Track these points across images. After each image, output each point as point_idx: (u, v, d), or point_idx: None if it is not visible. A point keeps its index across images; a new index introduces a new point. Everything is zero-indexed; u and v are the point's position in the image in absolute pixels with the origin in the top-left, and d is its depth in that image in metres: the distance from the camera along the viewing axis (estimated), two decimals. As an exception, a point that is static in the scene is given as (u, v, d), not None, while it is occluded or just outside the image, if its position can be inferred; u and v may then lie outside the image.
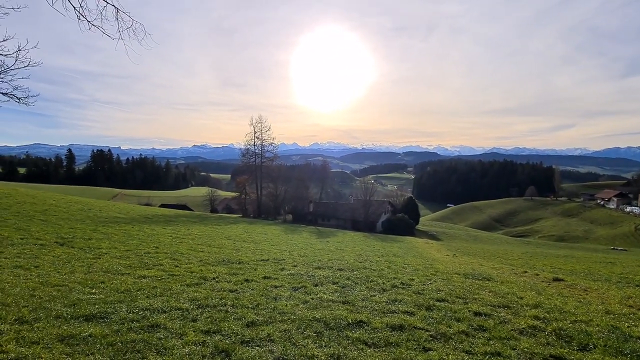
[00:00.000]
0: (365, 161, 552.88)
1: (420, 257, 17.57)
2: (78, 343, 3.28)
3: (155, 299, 5.23)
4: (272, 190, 54.84)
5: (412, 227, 56.37)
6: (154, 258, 9.60)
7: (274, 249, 15.14)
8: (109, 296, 5.16)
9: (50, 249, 9.57)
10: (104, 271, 7.34)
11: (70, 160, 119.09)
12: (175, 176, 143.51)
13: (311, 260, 11.64)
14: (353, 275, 8.04)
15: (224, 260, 9.92)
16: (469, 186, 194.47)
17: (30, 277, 6.11)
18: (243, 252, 12.63)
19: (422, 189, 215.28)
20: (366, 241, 29.21)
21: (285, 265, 9.78)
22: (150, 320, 4.12)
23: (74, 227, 14.77)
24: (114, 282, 6.21)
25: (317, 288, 6.57)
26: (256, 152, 52.76)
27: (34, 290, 5.15)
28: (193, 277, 7.11)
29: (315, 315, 4.61)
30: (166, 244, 13.32)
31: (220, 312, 4.64)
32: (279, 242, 19.70)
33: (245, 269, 8.73)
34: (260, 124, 52.00)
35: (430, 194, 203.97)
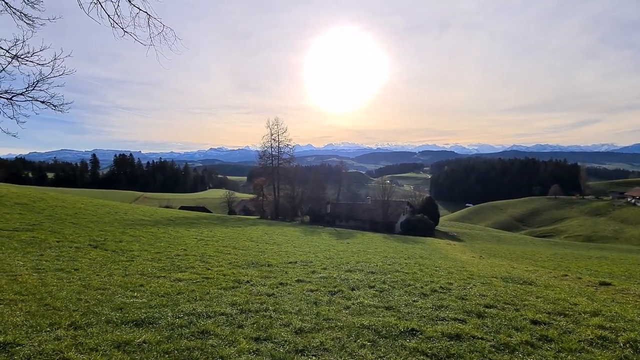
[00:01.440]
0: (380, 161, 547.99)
1: (448, 259, 17.07)
2: (134, 350, 3.23)
3: (196, 303, 5.18)
4: (289, 192, 55.00)
5: (431, 228, 55.28)
6: (185, 260, 9.67)
7: (298, 251, 15.05)
8: (151, 300, 5.15)
9: (86, 252, 9.80)
10: (140, 274, 7.41)
11: (95, 165, 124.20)
12: (194, 179, 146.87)
13: (338, 262, 11.45)
14: (388, 279, 7.80)
15: (253, 263, 9.88)
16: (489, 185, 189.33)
17: (72, 280, 6.21)
18: (269, 254, 12.59)
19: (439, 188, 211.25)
20: (387, 242, 28.76)
21: (314, 268, 9.64)
22: (198, 326, 4.05)
23: (104, 230, 15.14)
24: (152, 285, 6.24)
25: (354, 292, 6.39)
26: (273, 154, 53.04)
27: (79, 294, 5.21)
28: (227, 281, 7.07)
29: (362, 322, 4.43)
30: (193, 246, 13.45)
31: (264, 318, 4.53)
32: (300, 244, 19.60)
33: (276, 271, 8.64)
34: (276, 125, 52.30)
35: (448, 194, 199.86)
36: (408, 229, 50.64)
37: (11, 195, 21.47)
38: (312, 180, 61.02)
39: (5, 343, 3.06)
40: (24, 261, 7.58)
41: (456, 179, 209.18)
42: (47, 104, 10.07)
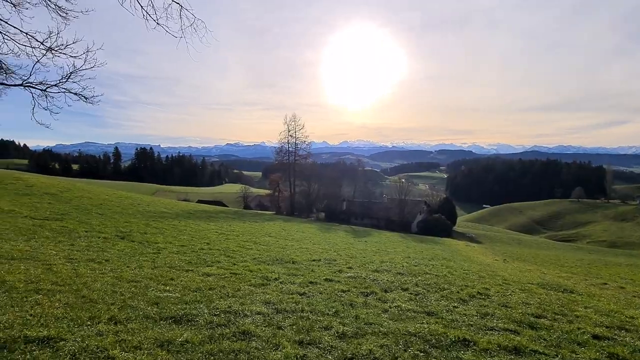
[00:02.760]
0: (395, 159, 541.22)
1: (472, 262, 16.52)
2: (178, 350, 3.09)
3: (228, 299, 5.05)
4: (305, 188, 54.94)
5: (449, 229, 54.12)
6: (209, 254, 9.63)
7: (319, 249, 14.87)
8: (185, 295, 5.05)
9: (114, 243, 9.90)
10: (169, 267, 7.37)
11: (117, 158, 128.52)
12: (211, 173, 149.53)
13: (362, 261, 11.19)
14: (420, 282, 7.49)
15: (277, 260, 9.74)
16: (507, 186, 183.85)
17: (104, 272, 6.20)
18: (291, 251, 12.45)
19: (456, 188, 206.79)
20: (405, 242, 28.24)
21: (340, 266, 9.42)
22: (238, 325, 3.89)
23: (128, 222, 15.38)
24: (182, 279, 6.16)
25: (388, 295, 6.12)
26: (290, 150, 53.01)
27: (113, 286, 5.16)
28: (255, 277, 6.93)
29: (407, 328, 4.17)
30: (215, 240, 13.46)
31: (302, 320, 4.33)
32: (319, 241, 19.42)
33: (302, 269, 8.47)
34: (294, 122, 52.13)
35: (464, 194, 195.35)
36: (425, 229, 49.74)
37: (40, 185, 22.20)
38: (328, 177, 60.70)
39: (49, 338, 2.98)
40: (56, 250, 7.68)
41: (474, 179, 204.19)
42: (80, 95, 10.20)
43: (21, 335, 2.95)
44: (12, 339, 2.86)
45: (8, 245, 7.39)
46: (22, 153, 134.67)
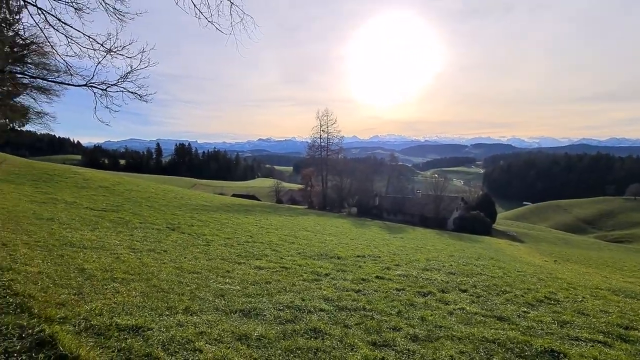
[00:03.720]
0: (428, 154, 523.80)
1: (521, 263, 15.55)
2: (257, 345, 3.10)
3: (287, 294, 5.05)
4: (337, 183, 54.76)
5: (488, 226, 51.54)
6: (255, 248, 9.80)
7: (357, 244, 14.71)
8: (245, 288, 5.12)
9: (167, 234, 10.39)
10: (221, 259, 7.58)
11: (159, 154, 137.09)
12: (244, 168, 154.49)
13: (407, 259, 10.88)
14: (477, 283, 7.09)
15: (321, 255, 9.71)
16: (551, 182, 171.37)
17: (165, 262, 6.49)
18: (332, 246, 12.39)
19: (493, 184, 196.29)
20: (442, 239, 27.27)
21: (386, 263, 9.19)
22: (306, 322, 3.86)
23: (175, 214, 16.12)
24: (238, 272, 6.28)
25: (447, 296, 5.83)
26: (322, 145, 53.00)
27: (177, 277, 5.36)
28: (306, 272, 6.92)
29: (483, 334, 3.91)
30: (257, 233, 13.72)
31: (367, 319, 4.21)
32: (355, 236, 19.23)
33: (349, 265, 8.35)
34: (326, 117, 51.98)
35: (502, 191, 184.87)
36: (462, 226, 47.74)
37: (95, 179, 23.95)
38: (360, 171, 60.06)
39: (137, 326, 3.10)
40: (119, 240, 8.17)
41: (513, 174, 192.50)
42: (135, 94, 10.76)
43: (112, 322, 3.10)
44: (105, 327, 3.01)
45: (78, 234, 7.97)
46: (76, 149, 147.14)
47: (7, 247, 5.63)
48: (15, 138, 31.87)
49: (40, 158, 73.64)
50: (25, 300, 3.34)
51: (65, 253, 5.86)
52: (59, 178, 20.96)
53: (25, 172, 21.33)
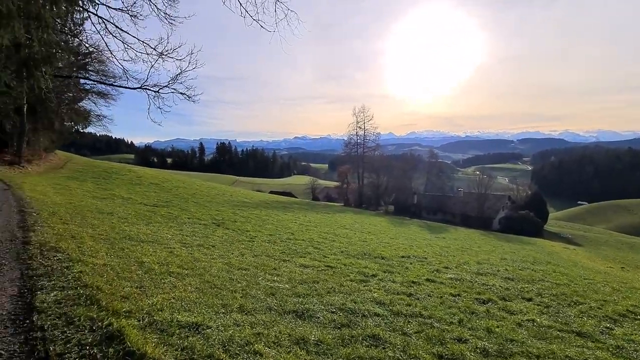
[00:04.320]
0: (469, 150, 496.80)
1: (584, 269, 14.07)
2: (315, 351, 2.96)
3: (337, 295, 4.88)
4: (373, 180, 53.81)
5: (539, 227, 47.74)
6: (298, 245, 9.78)
7: (399, 243, 14.21)
8: (294, 287, 5.04)
9: (213, 229, 10.73)
10: (267, 256, 7.62)
11: (201, 152, 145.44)
12: (280, 166, 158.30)
13: (454, 261, 10.26)
14: (541, 290, 6.42)
15: (365, 254, 9.45)
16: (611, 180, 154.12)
17: (215, 257, 6.63)
18: (374, 245, 12.05)
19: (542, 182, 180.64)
20: (489, 241, 25.64)
21: (434, 265, 8.71)
22: (362, 327, 3.66)
23: (219, 210, 16.71)
24: (284, 270, 6.25)
25: (511, 305, 5.31)
26: (358, 142, 52.36)
27: (228, 272, 5.42)
28: (352, 272, 6.72)
29: (566, 352, 3.44)
30: (297, 230, 13.76)
31: (428, 327, 3.91)
32: (395, 235, 18.65)
33: (395, 266, 8.01)
34: (362, 113, 51.23)
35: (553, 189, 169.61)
36: (508, 227, 44.67)
37: (147, 176, 25.65)
38: (397, 169, 58.48)
39: (197, 324, 3.10)
40: (171, 234, 8.55)
41: (565, 171, 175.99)
42: (185, 95, 11.29)
43: (173, 319, 3.13)
44: (167, 322, 3.04)
45: (135, 228, 8.45)
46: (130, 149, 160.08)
47: (75, 239, 6.07)
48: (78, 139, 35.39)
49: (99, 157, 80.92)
50: (93, 292, 3.50)
51: (126, 246, 6.19)
52: (116, 176, 22.71)
53: (87, 170, 23.40)
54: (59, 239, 5.75)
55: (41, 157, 23.09)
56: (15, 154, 20.75)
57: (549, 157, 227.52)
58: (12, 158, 20.64)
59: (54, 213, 8.36)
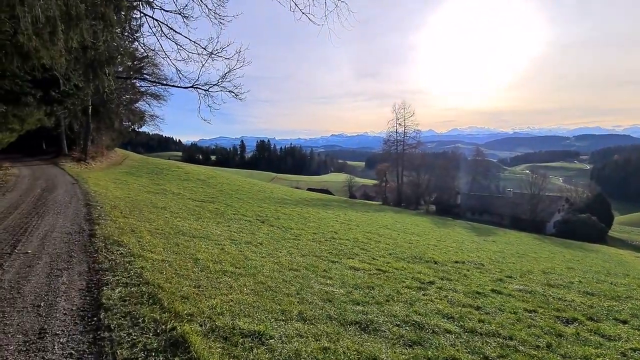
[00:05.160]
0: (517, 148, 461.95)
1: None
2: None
3: (397, 305, 4.48)
4: (413, 179, 51.91)
5: (602, 233, 42.97)
6: (343, 245, 9.46)
7: (447, 246, 13.33)
8: (349, 292, 4.73)
9: (258, 226, 10.77)
10: (314, 255, 7.39)
11: (242, 150, 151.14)
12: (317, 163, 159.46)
13: (514, 268, 9.32)
14: (636, 312, 5.47)
15: (415, 257, 8.88)
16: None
17: (264, 256, 6.53)
18: (422, 248, 11.38)
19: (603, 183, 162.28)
20: (545, 246, 23.46)
21: (494, 274, 7.93)
22: (435, 346, 3.25)
23: (261, 206, 16.93)
24: (334, 272, 5.96)
25: (603, 326, 4.53)
26: (398, 139, 50.73)
27: (279, 273, 5.25)
28: (406, 278, 6.25)
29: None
30: (340, 230, 13.45)
31: (511, 350, 3.38)
32: (441, 237, 17.65)
33: (451, 272, 7.38)
34: (403, 109, 49.45)
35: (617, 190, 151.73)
36: (565, 231, 40.73)
37: (194, 172, 26.89)
38: (439, 167, 55.88)
39: (259, 333, 2.91)
40: (220, 230, 8.67)
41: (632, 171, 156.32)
42: (232, 93, 11.45)
43: (235, 325, 2.97)
44: (229, 329, 2.88)
45: (187, 223, 8.69)
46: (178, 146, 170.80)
47: (135, 233, 6.29)
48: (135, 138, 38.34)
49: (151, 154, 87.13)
50: (155, 291, 3.45)
51: (180, 242, 6.29)
52: (166, 172, 24.05)
53: (142, 166, 25.06)
54: (121, 232, 5.97)
55: (103, 154, 25.15)
56: (82, 152, 22.78)
57: (611, 155, 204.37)
58: (79, 155, 22.69)
59: (115, 206, 8.85)
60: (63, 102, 11.37)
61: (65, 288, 3.58)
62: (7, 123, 10.08)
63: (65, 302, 3.26)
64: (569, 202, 49.16)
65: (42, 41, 4.57)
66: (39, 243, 5.25)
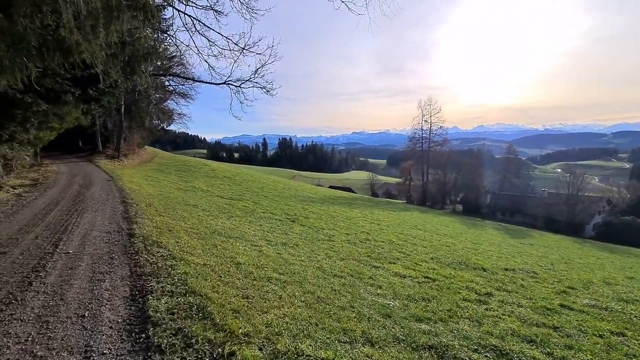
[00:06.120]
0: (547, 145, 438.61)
1: None
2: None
3: (464, 322, 3.96)
4: (439, 178, 50.25)
5: (650, 237, 39.75)
6: (379, 248, 8.96)
7: (487, 250, 12.50)
8: (405, 305, 4.25)
9: (289, 225, 10.45)
10: (355, 260, 6.95)
11: (265, 147, 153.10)
12: (338, 161, 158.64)
13: (571, 277, 8.45)
14: None
15: (460, 263, 8.23)
16: None
17: (303, 259, 6.17)
18: (462, 252, 10.66)
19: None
20: (586, 250, 21.88)
21: (552, 284, 7.17)
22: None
23: (289, 204, 16.66)
24: (381, 279, 5.49)
25: None
26: (423, 137, 49.20)
27: (324, 280, 4.86)
28: (460, 287, 5.67)
29: None
30: (371, 230, 12.91)
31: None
32: (476, 239, 16.71)
33: (505, 282, 6.71)
34: (429, 106, 47.89)
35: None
36: (607, 234, 38.05)
37: (220, 170, 27.12)
38: (467, 165, 53.78)
39: (326, 360, 2.50)
40: (253, 230, 8.40)
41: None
42: (264, 89, 11.17)
43: (298, 350, 2.59)
44: (294, 356, 2.50)
45: (220, 222, 8.49)
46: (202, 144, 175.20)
47: (172, 232, 6.09)
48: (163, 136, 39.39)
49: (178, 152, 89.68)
50: (203, 302, 3.14)
51: (217, 243, 6.04)
52: (194, 169, 24.36)
53: (171, 164, 25.54)
54: (159, 232, 5.78)
55: (134, 151, 25.85)
56: (115, 149, 23.49)
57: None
58: (113, 152, 23.41)
59: (150, 204, 8.79)
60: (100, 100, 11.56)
61: (108, 295, 3.34)
62: (47, 122, 10.32)
63: (110, 312, 3.00)
64: (611, 203, 45.99)
65: (83, 34, 4.39)
66: (80, 242, 5.13)
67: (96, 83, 10.18)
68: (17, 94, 7.36)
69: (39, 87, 7.40)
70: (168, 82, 26.83)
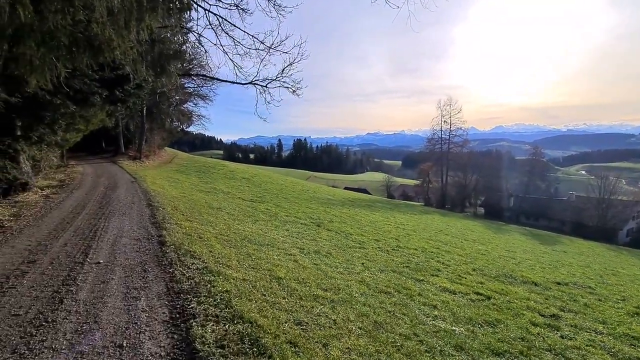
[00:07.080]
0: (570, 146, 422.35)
1: None
2: None
3: (543, 354, 3.39)
4: (459, 180, 48.82)
5: (690, 245, 37.27)
6: (415, 257, 8.38)
7: (526, 259, 11.72)
8: (473, 332, 3.70)
9: (315, 230, 9.98)
10: (394, 271, 6.42)
11: (280, 148, 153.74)
12: (353, 162, 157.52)
13: (634, 295, 7.64)
14: None
15: (507, 276, 7.57)
16: None
17: (341, 271, 5.70)
18: (501, 262, 9.92)
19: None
20: (625, 258, 20.51)
21: (618, 303, 6.44)
22: None
23: (310, 207, 16.23)
24: (431, 296, 4.95)
25: None
26: (442, 137, 47.89)
27: (372, 298, 4.37)
28: (521, 308, 5.07)
29: None
30: (399, 236, 12.31)
31: None
32: (507, 246, 15.83)
33: (565, 300, 6.03)
34: (449, 106, 46.54)
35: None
36: (642, 241, 35.94)
37: (238, 171, 27.01)
38: (489, 167, 52.11)
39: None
40: (282, 236, 7.99)
41: None
42: (290, 89, 10.80)
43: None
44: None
45: (247, 227, 8.12)
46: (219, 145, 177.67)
47: (203, 240, 5.74)
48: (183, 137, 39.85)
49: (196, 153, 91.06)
50: (255, 332, 2.71)
51: (250, 251, 5.64)
52: (213, 170, 24.31)
53: (190, 165, 25.60)
54: (190, 240, 5.44)
55: (155, 153, 26.09)
56: (137, 150, 23.73)
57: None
58: (135, 154, 23.65)
59: (176, 208, 8.53)
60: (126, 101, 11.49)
61: (146, 318, 2.96)
62: (74, 124, 10.27)
63: (151, 341, 2.61)
64: (646, 208, 43.46)
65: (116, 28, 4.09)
66: (110, 251, 4.83)
67: (122, 84, 10.09)
68: (47, 95, 7.27)
69: (67, 89, 7.24)
70: (188, 83, 26.98)
